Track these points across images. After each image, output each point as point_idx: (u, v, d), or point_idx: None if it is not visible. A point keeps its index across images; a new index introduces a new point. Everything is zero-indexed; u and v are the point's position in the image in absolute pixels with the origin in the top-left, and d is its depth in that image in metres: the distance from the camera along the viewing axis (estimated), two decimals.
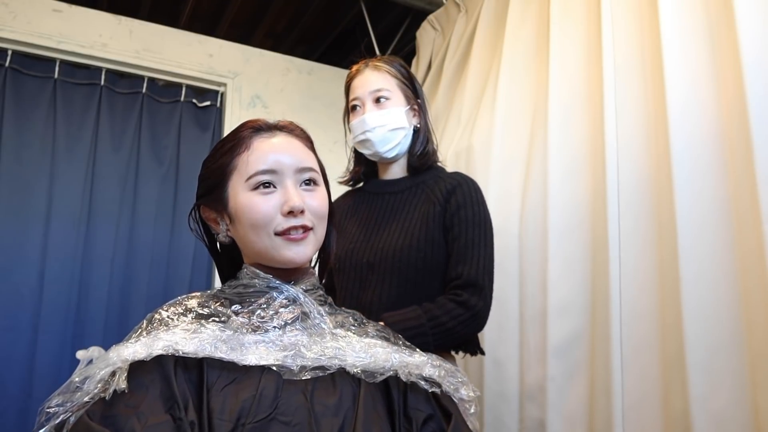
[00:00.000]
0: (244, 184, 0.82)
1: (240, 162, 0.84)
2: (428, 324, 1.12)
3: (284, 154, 0.84)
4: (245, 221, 0.82)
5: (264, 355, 0.73)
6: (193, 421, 0.65)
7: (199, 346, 0.71)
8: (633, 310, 1.29)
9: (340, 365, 0.76)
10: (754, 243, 1.07)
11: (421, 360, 0.82)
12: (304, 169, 0.85)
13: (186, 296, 0.83)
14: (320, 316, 0.83)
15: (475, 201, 1.25)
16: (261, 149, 0.84)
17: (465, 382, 0.86)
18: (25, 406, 2.06)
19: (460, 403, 0.83)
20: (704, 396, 1.11)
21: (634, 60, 1.40)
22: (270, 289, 0.83)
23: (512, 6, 1.88)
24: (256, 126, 0.87)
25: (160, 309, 0.79)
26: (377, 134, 1.27)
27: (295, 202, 0.81)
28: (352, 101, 1.31)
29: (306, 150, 0.88)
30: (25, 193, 2.21)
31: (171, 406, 0.66)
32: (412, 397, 0.79)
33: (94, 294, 2.25)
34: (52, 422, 0.65)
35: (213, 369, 0.71)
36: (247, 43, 2.74)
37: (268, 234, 0.81)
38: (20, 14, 2.28)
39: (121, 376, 0.67)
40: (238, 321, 0.78)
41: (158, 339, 0.71)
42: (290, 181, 0.83)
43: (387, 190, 1.33)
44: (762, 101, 1.09)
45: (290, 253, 0.82)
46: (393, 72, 1.31)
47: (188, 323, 0.75)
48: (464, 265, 1.18)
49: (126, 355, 0.69)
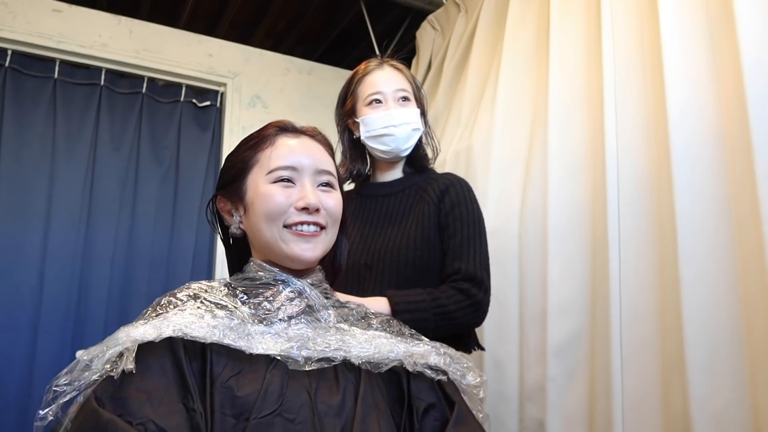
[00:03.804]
0: (264, 177, 0.85)
1: (263, 157, 0.86)
2: (431, 302, 1.14)
3: (305, 155, 0.87)
4: (259, 210, 0.84)
5: (270, 346, 0.73)
6: (201, 412, 0.65)
7: (208, 331, 0.71)
8: (633, 310, 1.29)
9: (344, 356, 0.77)
10: (754, 243, 1.07)
11: (426, 348, 0.83)
12: (323, 171, 0.88)
13: (194, 282, 0.83)
14: (325, 310, 0.84)
15: (468, 199, 1.27)
16: (285, 146, 0.87)
17: (471, 367, 0.86)
18: (25, 406, 2.06)
19: (467, 389, 0.83)
20: (704, 396, 1.11)
21: (634, 60, 1.40)
22: (276, 282, 0.84)
23: (512, 6, 1.88)
24: (281, 126, 0.91)
25: (168, 294, 0.79)
26: (403, 131, 1.28)
27: (310, 199, 0.83)
28: (373, 95, 1.29)
29: (326, 155, 0.91)
30: (25, 193, 2.21)
31: (185, 395, 0.66)
32: (415, 386, 0.80)
33: (94, 294, 2.25)
34: (59, 401, 0.64)
35: (219, 357, 0.71)
36: (247, 43, 2.74)
37: (278, 226, 0.83)
38: (20, 14, 2.28)
39: (129, 356, 0.67)
40: (245, 311, 0.78)
41: (168, 321, 0.71)
42: (308, 180, 0.86)
43: (381, 192, 1.34)
44: (762, 101, 1.09)
45: (298, 249, 0.83)
46: (409, 76, 1.35)
47: (197, 308, 0.75)
48: (461, 261, 1.20)
49: (135, 336, 0.68)
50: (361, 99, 1.32)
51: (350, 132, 1.35)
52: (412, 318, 1.09)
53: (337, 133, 1.38)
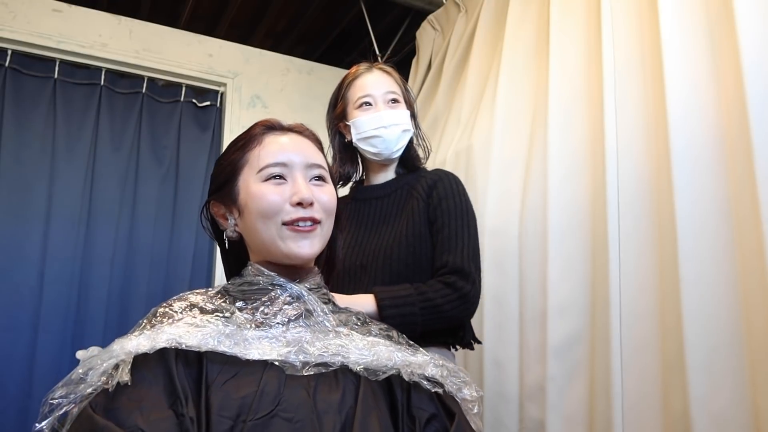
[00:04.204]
0: (255, 176, 0.84)
1: (252, 156, 0.86)
2: (417, 296, 1.14)
3: (295, 151, 0.86)
4: (254, 210, 0.83)
5: (267, 351, 0.73)
6: (193, 417, 0.65)
7: (203, 339, 0.71)
8: (633, 310, 1.29)
9: (342, 362, 0.76)
10: (754, 243, 1.07)
11: (424, 359, 0.82)
12: (314, 165, 0.87)
13: (190, 292, 0.83)
14: (323, 314, 0.83)
15: (456, 192, 1.28)
16: (273, 143, 0.87)
17: (468, 382, 0.86)
18: (25, 406, 2.06)
19: (463, 403, 0.83)
20: (704, 396, 1.11)
21: (634, 60, 1.40)
22: (274, 287, 0.84)
23: (512, 6, 1.88)
24: (268, 124, 0.90)
25: (164, 303, 0.79)
26: (393, 132, 1.29)
27: (304, 193, 0.82)
28: (363, 98, 1.31)
29: (316, 150, 0.91)
30: (25, 193, 2.21)
31: (174, 401, 0.66)
32: (416, 396, 0.79)
33: (94, 294, 2.25)
34: (56, 413, 0.65)
35: (214, 364, 0.71)
36: (247, 43, 2.74)
37: (275, 223, 0.82)
38: (20, 14, 2.28)
39: (125, 368, 0.67)
40: (242, 317, 0.78)
41: (162, 332, 0.71)
42: (300, 174, 0.85)
43: (374, 195, 1.35)
44: (762, 101, 1.09)
45: (295, 246, 0.83)
46: (399, 79, 1.37)
47: (192, 317, 0.75)
48: (449, 254, 1.20)
49: (129, 348, 0.69)
50: (351, 102, 1.33)
51: (341, 135, 1.37)
52: (398, 313, 1.10)
53: (329, 137, 1.39)
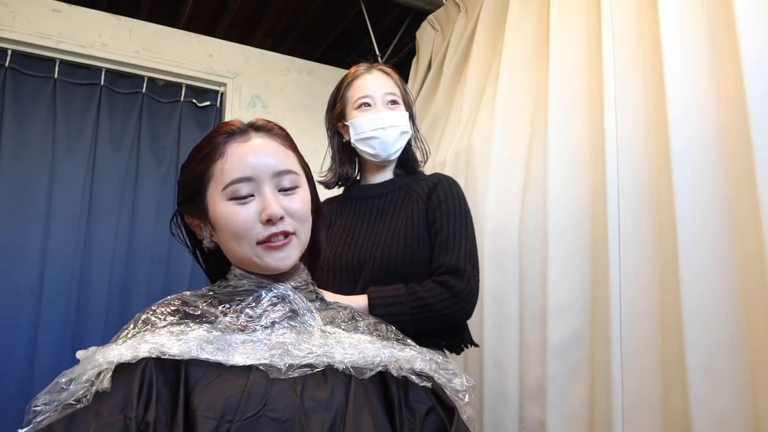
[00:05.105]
0: (220, 193, 0.81)
1: (216, 170, 0.81)
2: (408, 296, 1.14)
3: (260, 159, 0.81)
4: (226, 231, 0.81)
5: (251, 355, 0.73)
6: (150, 421, 0.66)
7: (185, 347, 0.71)
8: (633, 310, 1.29)
9: (328, 363, 0.75)
10: (754, 243, 1.07)
11: (412, 354, 0.82)
12: (282, 172, 0.82)
13: (174, 296, 0.82)
14: (309, 313, 0.83)
15: (455, 195, 1.29)
16: (236, 155, 0.81)
17: (457, 372, 0.85)
18: (25, 406, 2.05)
19: (453, 394, 0.83)
20: (704, 396, 1.11)
21: (634, 60, 1.40)
22: (259, 288, 0.83)
23: (512, 6, 1.88)
24: (229, 131, 0.84)
25: (147, 309, 0.78)
26: (391, 133, 1.30)
27: (272, 209, 0.79)
28: (362, 98, 1.31)
29: (284, 150, 0.85)
30: (24, 193, 2.21)
31: (125, 406, 0.67)
32: (413, 390, 0.79)
33: (94, 294, 2.25)
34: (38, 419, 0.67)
35: (198, 367, 0.71)
36: (247, 43, 2.74)
37: (249, 244, 0.80)
38: (20, 14, 2.28)
39: (106, 375, 0.67)
40: (226, 321, 0.77)
41: (144, 341, 0.71)
42: (268, 186, 0.81)
43: (371, 194, 1.35)
44: (762, 101, 1.09)
45: (272, 261, 0.81)
46: (398, 80, 1.37)
47: (174, 324, 0.75)
48: (446, 254, 1.21)
49: (111, 357, 0.69)
50: (350, 103, 1.33)
51: (340, 136, 1.37)
52: (388, 312, 1.10)
53: (327, 137, 1.39)
